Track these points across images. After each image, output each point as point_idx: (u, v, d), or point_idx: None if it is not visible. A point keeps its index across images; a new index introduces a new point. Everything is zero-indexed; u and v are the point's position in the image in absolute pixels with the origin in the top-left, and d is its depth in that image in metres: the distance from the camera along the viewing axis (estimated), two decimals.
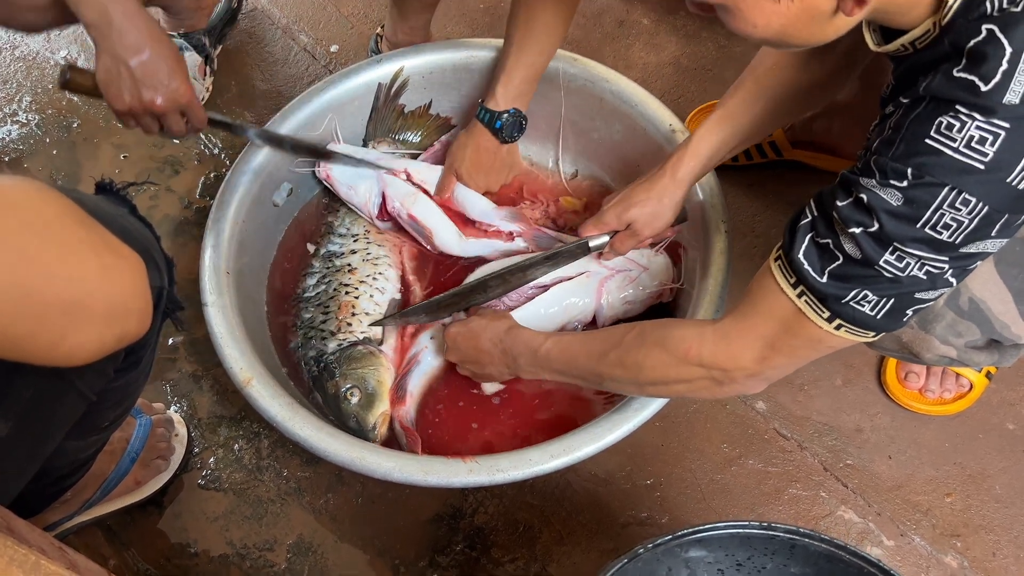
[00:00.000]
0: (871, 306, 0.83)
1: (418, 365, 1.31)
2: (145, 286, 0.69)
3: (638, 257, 1.34)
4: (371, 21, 1.85)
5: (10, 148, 1.70)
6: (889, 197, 0.77)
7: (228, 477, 1.34)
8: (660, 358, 1.00)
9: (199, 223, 1.57)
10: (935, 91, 0.75)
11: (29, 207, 0.61)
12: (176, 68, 1.15)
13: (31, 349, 0.62)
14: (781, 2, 0.75)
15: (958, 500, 1.30)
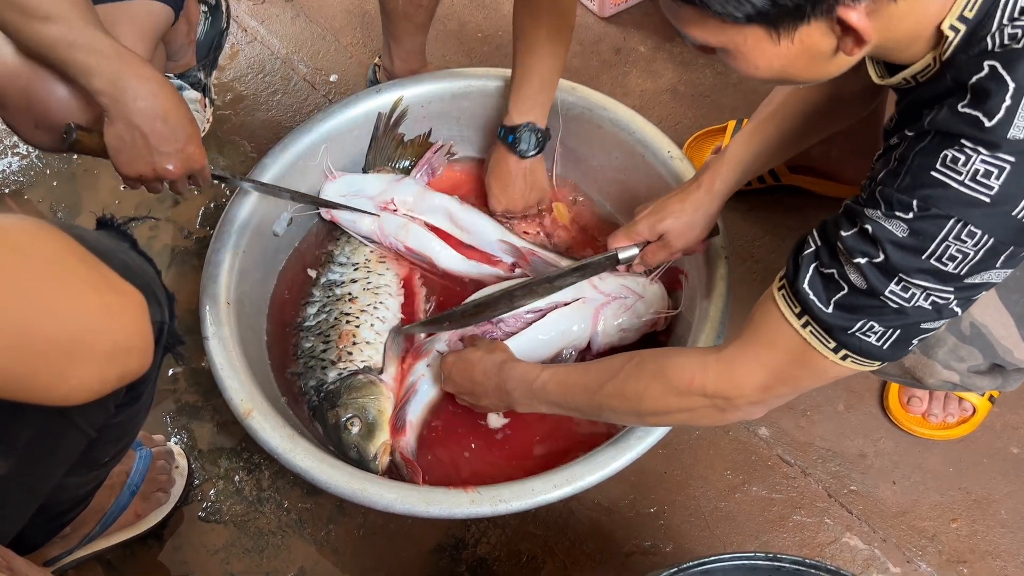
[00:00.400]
0: (877, 337, 0.83)
1: (416, 394, 1.30)
2: (146, 323, 0.69)
3: (633, 285, 1.34)
4: (370, 51, 1.86)
5: (11, 180, 1.71)
6: (895, 228, 0.77)
7: (229, 509, 1.33)
8: (661, 388, 0.99)
9: (199, 253, 1.57)
10: (940, 125, 0.75)
11: (31, 246, 0.61)
12: (192, 132, 1.13)
13: (32, 388, 0.61)
14: (781, 43, 0.75)
15: (964, 525, 1.29)
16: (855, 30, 0.72)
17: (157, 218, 1.62)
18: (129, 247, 0.82)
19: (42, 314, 0.59)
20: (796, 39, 0.75)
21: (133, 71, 1.05)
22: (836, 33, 0.74)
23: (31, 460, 0.78)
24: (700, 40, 0.79)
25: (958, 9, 0.74)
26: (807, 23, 0.73)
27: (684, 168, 1.37)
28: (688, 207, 1.20)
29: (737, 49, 0.77)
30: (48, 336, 0.60)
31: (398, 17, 1.55)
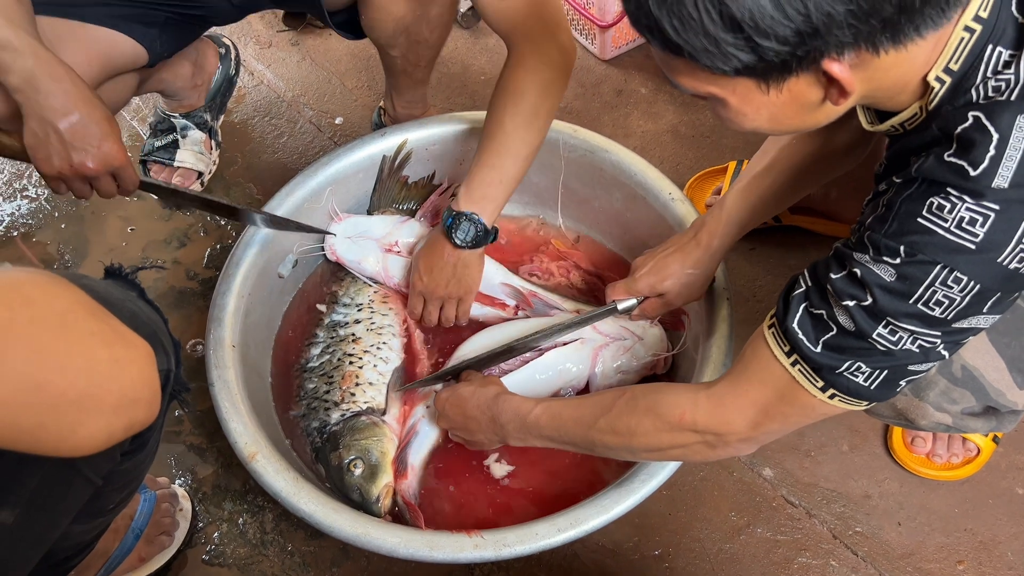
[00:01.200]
0: (864, 377, 0.84)
1: (416, 436, 1.31)
2: (154, 374, 0.70)
3: (633, 327, 1.35)
4: (374, 94, 1.89)
5: (19, 222, 1.73)
6: (882, 272, 0.78)
7: (232, 552, 1.33)
8: (653, 424, 1.00)
9: (204, 294, 1.59)
10: (927, 173, 0.77)
11: (41, 300, 0.62)
12: (108, 130, 1.13)
13: (41, 440, 0.62)
14: (770, 93, 0.77)
15: (970, 568, 1.28)
16: (839, 82, 0.74)
17: (164, 267, 1.64)
18: (137, 296, 0.83)
19: (53, 368, 0.60)
20: (784, 89, 0.76)
21: (46, 70, 1.07)
22: (823, 84, 0.76)
23: (37, 509, 0.78)
24: (691, 89, 0.81)
25: (943, 61, 0.76)
26: (795, 75, 0.75)
27: (685, 210, 1.38)
28: (688, 267, 1.22)
29: (727, 99, 0.79)
30: (58, 389, 0.61)
31: (398, 73, 1.58)
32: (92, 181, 1.18)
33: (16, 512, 0.76)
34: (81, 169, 1.14)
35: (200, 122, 1.72)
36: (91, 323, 0.64)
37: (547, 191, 1.54)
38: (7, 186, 1.78)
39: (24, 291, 0.61)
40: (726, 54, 0.72)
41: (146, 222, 1.71)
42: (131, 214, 1.72)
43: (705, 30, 0.71)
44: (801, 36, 0.70)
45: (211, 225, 1.70)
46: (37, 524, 0.80)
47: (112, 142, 1.15)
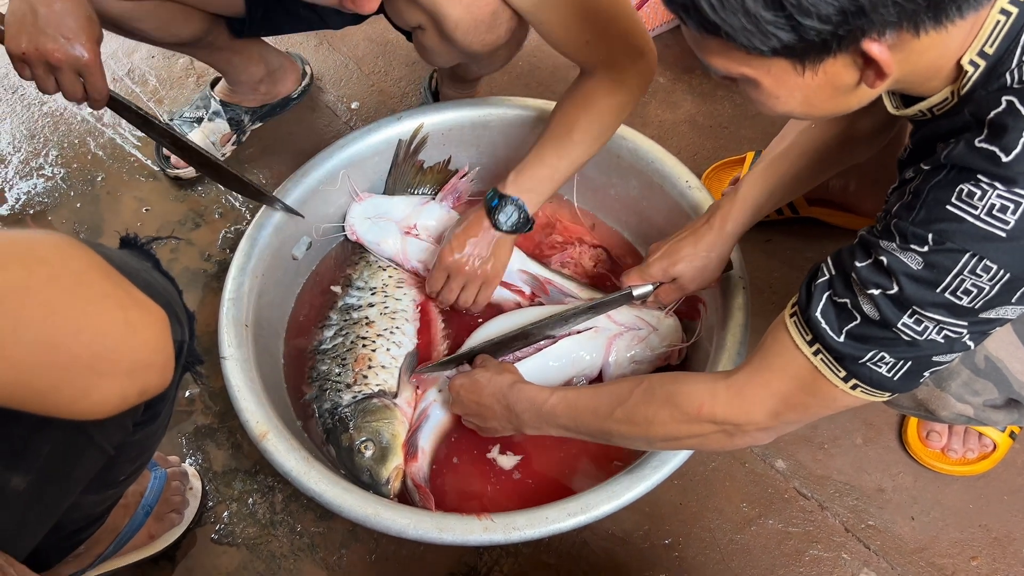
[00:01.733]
0: (888, 368, 0.83)
1: (427, 420, 1.30)
2: (168, 341, 0.69)
3: (648, 317, 1.34)
4: (391, 79, 1.89)
5: (35, 201, 1.73)
6: (909, 261, 0.77)
7: (242, 532, 1.33)
8: (670, 414, 0.99)
9: (218, 276, 1.59)
10: (957, 159, 0.76)
11: (57, 261, 0.62)
12: (84, 27, 1.13)
13: (55, 402, 0.62)
14: (805, 74, 0.76)
15: (984, 563, 1.27)
16: (877, 63, 0.73)
17: (179, 238, 1.64)
18: (152, 267, 0.83)
19: (68, 329, 0.60)
20: (820, 71, 0.75)
21: None
22: (859, 65, 0.75)
23: (50, 476, 0.78)
24: (723, 71, 0.79)
25: (978, 45, 0.75)
26: (833, 56, 0.73)
27: (702, 198, 1.38)
28: (701, 250, 1.20)
29: (761, 80, 0.78)
30: (72, 351, 0.60)
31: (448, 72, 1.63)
32: (56, 74, 1.16)
33: (28, 478, 0.76)
34: (46, 54, 1.13)
35: (235, 118, 1.72)
36: (107, 286, 0.64)
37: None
38: (23, 164, 1.79)
39: (40, 251, 0.61)
40: (765, 33, 0.71)
41: (161, 203, 1.71)
42: (146, 195, 1.73)
43: (745, 8, 0.70)
44: (844, 15, 0.68)
45: (226, 207, 1.70)
46: (49, 491, 0.80)
47: (85, 39, 1.14)
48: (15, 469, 0.75)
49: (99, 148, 1.80)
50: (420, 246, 1.46)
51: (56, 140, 1.82)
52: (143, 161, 1.78)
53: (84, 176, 1.76)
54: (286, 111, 1.82)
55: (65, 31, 1.12)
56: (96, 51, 1.16)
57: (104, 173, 1.77)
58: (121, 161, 1.78)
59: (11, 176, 1.77)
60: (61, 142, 1.82)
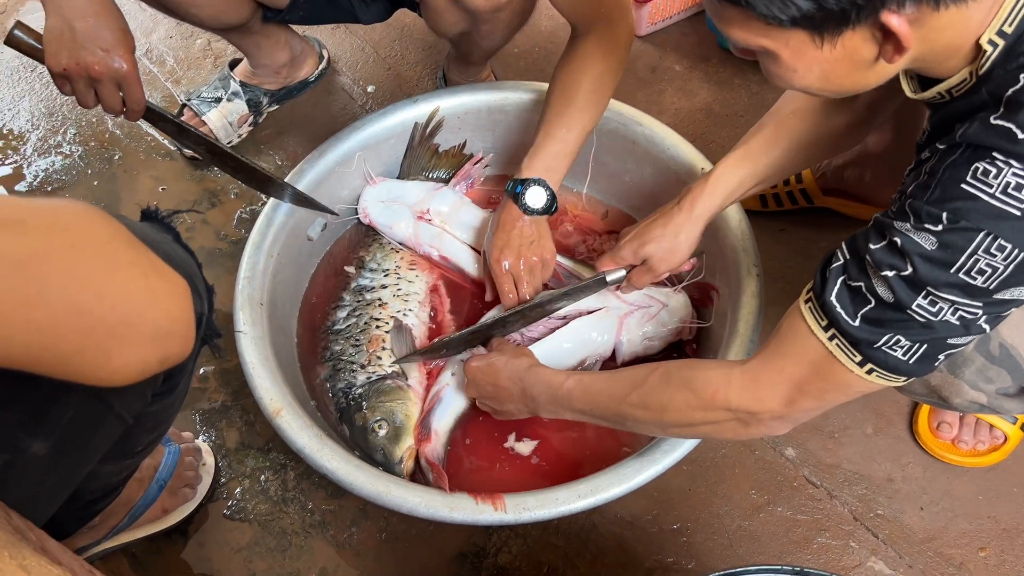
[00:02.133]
0: (903, 351, 0.83)
1: (440, 402, 1.31)
2: (189, 310, 0.70)
3: (658, 294, 1.35)
4: (407, 62, 1.89)
5: (54, 178, 1.74)
6: (923, 241, 0.77)
7: (253, 508, 1.34)
8: (685, 400, 0.99)
9: (233, 255, 1.60)
10: (972, 138, 0.75)
11: (82, 228, 0.62)
12: (120, 40, 1.16)
13: (77, 367, 0.63)
14: (824, 48, 0.76)
15: (992, 555, 1.27)
16: (896, 36, 0.73)
17: (200, 211, 1.65)
18: (172, 239, 0.84)
19: (91, 294, 0.61)
20: (839, 44, 0.75)
21: None
22: (878, 40, 0.75)
23: (69, 443, 0.79)
24: (742, 42, 0.80)
25: (997, 24, 0.75)
26: (851, 28, 0.73)
27: None
28: (669, 232, 1.20)
29: (779, 52, 0.78)
30: (96, 316, 0.61)
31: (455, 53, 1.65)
32: (96, 87, 1.19)
33: (48, 445, 0.77)
34: (86, 69, 1.16)
35: (253, 100, 1.73)
36: (130, 254, 0.65)
37: (577, 164, 1.53)
38: (42, 142, 1.80)
39: (65, 218, 0.62)
40: (785, 1, 0.71)
41: (177, 182, 1.72)
42: (162, 174, 1.74)
43: None
44: None
45: (241, 187, 1.71)
46: (68, 458, 0.81)
47: (123, 51, 1.17)
48: (36, 435, 0.76)
49: (116, 127, 1.82)
50: (432, 231, 1.46)
51: (74, 118, 1.83)
52: (160, 140, 1.79)
53: (101, 154, 1.77)
54: (302, 94, 1.82)
55: (103, 44, 1.15)
56: (133, 61, 1.19)
57: (121, 152, 1.78)
58: (138, 140, 1.79)
59: (29, 153, 1.79)
60: (79, 120, 1.83)
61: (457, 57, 1.68)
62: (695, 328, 1.35)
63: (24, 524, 0.77)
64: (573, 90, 1.27)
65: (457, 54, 1.66)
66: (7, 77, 1.92)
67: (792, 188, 1.56)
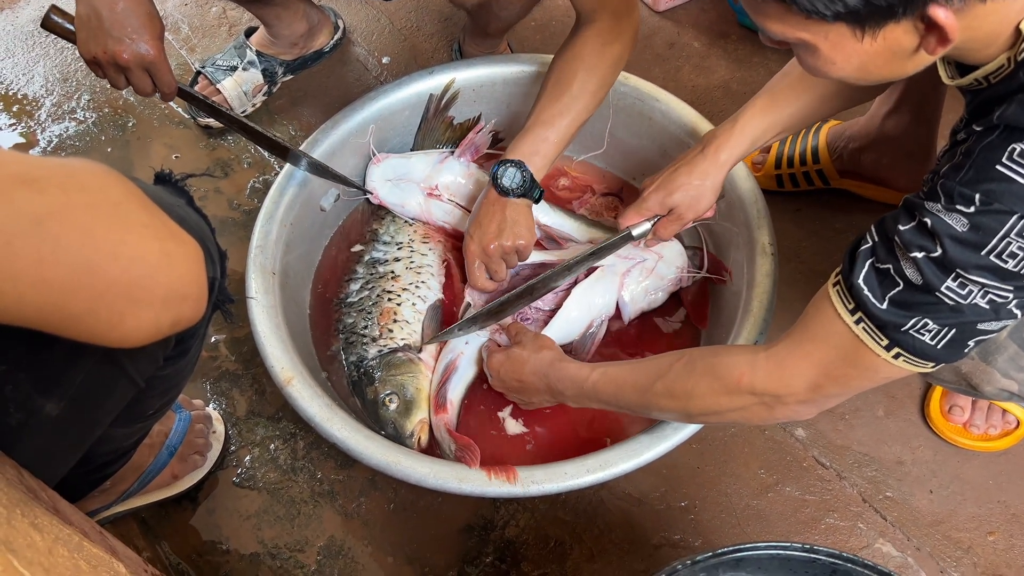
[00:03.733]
0: (931, 335, 0.81)
1: (456, 372, 1.31)
2: (202, 274, 0.70)
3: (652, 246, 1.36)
4: (423, 34, 1.88)
5: (67, 144, 1.74)
6: (954, 223, 0.76)
7: (263, 476, 1.35)
8: (710, 386, 0.98)
9: (246, 224, 1.60)
10: (1009, 119, 0.74)
11: (97, 188, 0.62)
12: (146, 25, 1.16)
13: (90, 327, 0.63)
14: (864, 40, 0.74)
15: (1001, 539, 1.27)
16: (940, 28, 0.71)
17: (214, 175, 1.65)
18: (186, 203, 0.84)
19: (105, 254, 0.61)
20: (880, 36, 0.74)
21: None
22: (920, 31, 0.73)
23: (82, 405, 0.80)
24: (779, 35, 0.78)
25: None
26: (895, 21, 0.72)
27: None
28: (695, 179, 1.19)
29: (818, 45, 0.77)
30: (110, 276, 0.61)
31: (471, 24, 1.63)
32: (126, 73, 1.20)
33: (61, 405, 0.77)
34: (115, 57, 1.17)
35: (268, 69, 1.73)
36: (144, 216, 0.65)
37: (592, 139, 1.52)
38: (56, 107, 1.80)
39: (80, 178, 0.62)
40: None
41: (190, 150, 1.72)
42: (176, 142, 1.73)
43: None
44: None
45: (255, 157, 1.70)
46: (81, 419, 0.81)
47: (148, 37, 1.17)
48: (49, 396, 0.77)
49: (130, 94, 1.81)
50: (444, 208, 1.46)
51: (89, 84, 1.83)
52: (173, 108, 1.78)
53: (115, 121, 1.77)
54: (317, 64, 1.81)
55: (129, 31, 1.16)
56: (160, 47, 1.19)
57: (135, 119, 1.77)
58: (152, 108, 1.79)
59: (44, 118, 1.79)
60: (93, 86, 1.82)
61: (474, 29, 1.66)
62: (692, 276, 1.37)
63: (36, 484, 0.77)
64: (568, 78, 1.26)
65: (474, 26, 1.65)
66: (22, 42, 1.91)
67: (809, 169, 1.55)
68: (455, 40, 1.80)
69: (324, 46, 1.80)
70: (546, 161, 1.28)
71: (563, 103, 1.26)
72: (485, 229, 1.30)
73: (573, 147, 1.52)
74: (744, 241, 1.32)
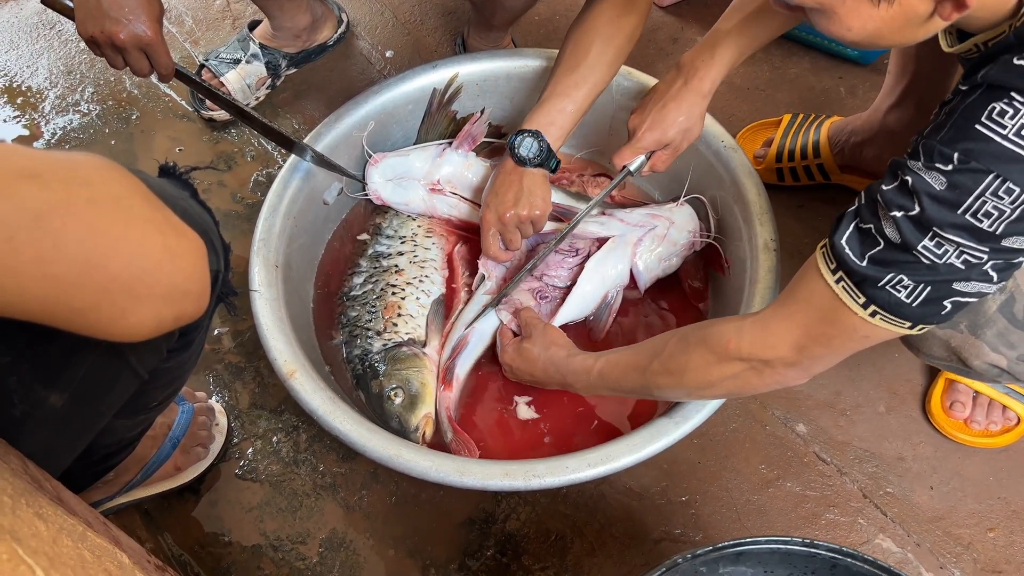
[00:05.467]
0: (907, 292, 0.83)
1: (467, 347, 1.32)
2: (204, 268, 0.70)
3: (662, 211, 1.38)
4: (427, 28, 1.88)
5: (71, 136, 1.75)
6: (933, 180, 0.77)
7: (265, 468, 1.35)
8: (702, 357, 1.00)
9: (249, 217, 1.60)
10: (992, 78, 0.75)
11: (99, 183, 0.62)
12: (143, 6, 1.16)
13: (93, 321, 0.63)
14: (880, 6, 0.75)
15: (1001, 535, 1.27)
16: None
17: (218, 168, 1.65)
18: (189, 196, 0.84)
19: (107, 250, 0.61)
20: (897, 2, 0.74)
21: None
22: None
23: (86, 396, 0.80)
24: (796, 1, 0.79)
25: None
26: None
27: (738, 159, 1.36)
28: (684, 112, 1.23)
29: (834, 10, 0.78)
30: (112, 272, 0.61)
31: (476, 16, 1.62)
32: (123, 54, 1.20)
33: (65, 396, 0.78)
34: (111, 37, 1.17)
35: (272, 62, 1.73)
36: (146, 210, 0.65)
37: (596, 133, 1.52)
38: (60, 100, 1.80)
39: (83, 172, 0.62)
40: None
41: (194, 143, 1.72)
42: (179, 134, 1.74)
43: None
44: None
45: (258, 150, 1.70)
46: (84, 411, 0.82)
47: (145, 19, 1.17)
48: (53, 387, 0.77)
49: (134, 86, 1.81)
50: (448, 201, 1.46)
51: (92, 77, 1.83)
52: (177, 101, 1.78)
53: (119, 114, 1.77)
54: (321, 58, 1.81)
55: (127, 12, 1.15)
56: (157, 29, 1.19)
57: (139, 111, 1.78)
58: (155, 100, 1.79)
59: (48, 111, 1.79)
60: (97, 79, 1.83)
61: (478, 22, 1.66)
62: (705, 240, 1.38)
63: (41, 474, 0.78)
64: (584, 49, 1.27)
65: (478, 19, 1.65)
66: (26, 34, 1.92)
67: (810, 163, 1.55)
68: (459, 34, 1.80)
69: (328, 40, 1.80)
70: (563, 132, 1.29)
71: (579, 74, 1.26)
72: (502, 198, 1.31)
73: (575, 142, 1.53)
74: (747, 237, 1.32)
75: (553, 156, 1.28)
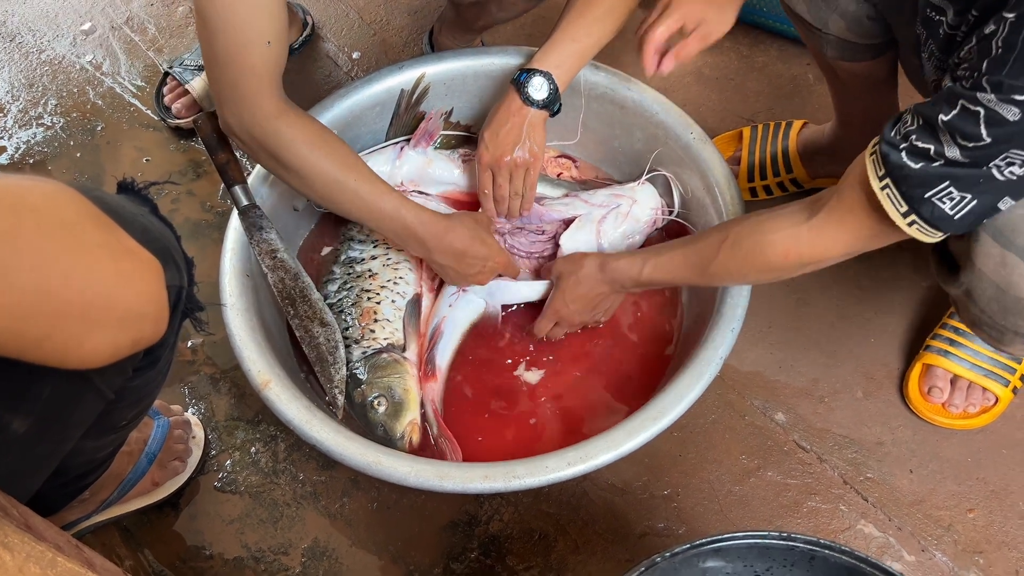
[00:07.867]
0: (953, 204, 0.85)
1: (443, 336, 1.33)
2: (161, 290, 0.69)
3: (624, 191, 1.40)
4: (393, 28, 1.86)
5: (35, 150, 1.72)
6: (1007, 113, 0.77)
7: (244, 480, 1.34)
8: (758, 264, 1.07)
9: (219, 226, 1.58)
10: None
11: (48, 209, 0.61)
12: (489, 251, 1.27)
13: (47, 351, 0.62)
14: None
15: (981, 516, 1.28)
16: None
17: (177, 184, 1.64)
18: (149, 211, 0.83)
19: (58, 278, 0.59)
20: None
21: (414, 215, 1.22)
22: None
23: (50, 420, 0.78)
24: None
25: None
26: None
27: (708, 152, 1.36)
28: None
29: None
30: (63, 300, 0.60)
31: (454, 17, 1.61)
32: None
33: (28, 421, 0.76)
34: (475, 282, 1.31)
35: None
36: (98, 235, 0.63)
37: (566, 129, 1.51)
38: (23, 114, 1.78)
39: (32, 199, 0.60)
40: None
41: (161, 153, 1.70)
42: (146, 144, 1.71)
43: None
44: None
45: None
46: (49, 434, 0.80)
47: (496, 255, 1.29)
48: (15, 411, 0.76)
49: (98, 97, 1.79)
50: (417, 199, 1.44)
51: (55, 89, 1.80)
52: (143, 111, 1.76)
53: (83, 125, 1.75)
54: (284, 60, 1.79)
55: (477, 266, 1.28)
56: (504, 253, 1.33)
57: (104, 122, 1.75)
58: (121, 111, 1.77)
59: (10, 125, 1.76)
60: (60, 91, 1.80)
61: (456, 22, 1.64)
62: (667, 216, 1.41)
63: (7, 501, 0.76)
64: None
65: (458, 19, 1.62)
66: None
67: (783, 179, 1.55)
68: (426, 33, 1.78)
69: (293, 43, 1.79)
70: (568, 76, 1.28)
71: (589, 21, 1.26)
72: (502, 139, 1.30)
73: None
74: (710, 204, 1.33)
75: (559, 99, 1.28)
